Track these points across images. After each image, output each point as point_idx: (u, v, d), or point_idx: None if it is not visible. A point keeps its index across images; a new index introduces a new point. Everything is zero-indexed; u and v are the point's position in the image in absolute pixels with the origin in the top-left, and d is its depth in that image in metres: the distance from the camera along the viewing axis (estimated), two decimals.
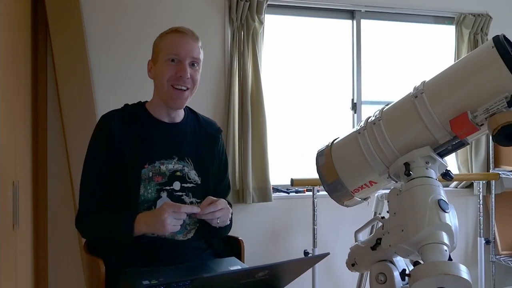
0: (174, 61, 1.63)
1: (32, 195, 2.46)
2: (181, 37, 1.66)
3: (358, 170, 1.32)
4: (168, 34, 1.68)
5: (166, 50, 1.64)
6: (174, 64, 1.64)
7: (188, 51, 1.64)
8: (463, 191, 3.55)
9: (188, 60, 1.64)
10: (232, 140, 3.01)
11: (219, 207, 1.58)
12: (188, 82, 1.64)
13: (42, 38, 2.76)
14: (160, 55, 1.66)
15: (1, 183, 1.61)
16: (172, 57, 1.63)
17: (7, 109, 1.73)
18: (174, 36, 1.67)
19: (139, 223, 1.54)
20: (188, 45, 1.65)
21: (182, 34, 1.66)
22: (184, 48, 1.64)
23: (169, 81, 1.63)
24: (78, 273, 2.74)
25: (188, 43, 1.65)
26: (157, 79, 1.67)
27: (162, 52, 1.65)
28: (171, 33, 1.68)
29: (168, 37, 1.68)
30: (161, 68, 1.65)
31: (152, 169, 1.63)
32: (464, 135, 1.18)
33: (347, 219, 3.04)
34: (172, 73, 1.63)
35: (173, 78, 1.63)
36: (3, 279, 1.59)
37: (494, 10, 3.52)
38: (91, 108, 2.75)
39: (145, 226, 1.54)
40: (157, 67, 1.67)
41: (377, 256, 1.27)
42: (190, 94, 1.67)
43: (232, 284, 1.25)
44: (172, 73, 1.63)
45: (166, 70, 1.63)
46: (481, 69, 1.16)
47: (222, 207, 1.60)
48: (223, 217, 1.61)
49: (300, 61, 3.39)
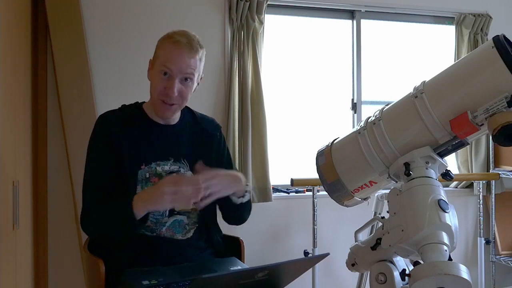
0: (166, 74, 1.59)
1: (32, 195, 2.46)
2: (177, 50, 1.57)
3: (358, 170, 1.32)
4: (167, 42, 1.60)
5: (160, 61, 1.59)
6: (165, 79, 1.59)
7: (181, 67, 1.57)
8: (463, 191, 3.55)
9: (179, 76, 1.59)
10: (232, 140, 3.01)
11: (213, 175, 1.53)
12: (175, 99, 1.60)
13: (42, 38, 2.76)
14: (156, 63, 1.62)
15: (1, 183, 1.61)
16: (164, 70, 1.58)
17: (7, 109, 1.73)
18: (171, 47, 1.58)
19: (137, 201, 1.49)
20: (182, 60, 1.57)
21: (179, 46, 1.58)
22: (177, 64, 1.57)
23: (158, 95, 1.61)
24: (78, 273, 2.74)
25: (183, 58, 1.57)
26: (151, 85, 1.65)
27: (158, 61, 1.61)
28: (169, 42, 1.60)
29: (166, 45, 1.60)
30: (154, 78, 1.62)
31: (149, 170, 1.63)
32: (464, 135, 1.18)
33: (347, 219, 3.04)
34: (161, 88, 1.59)
35: (162, 93, 1.60)
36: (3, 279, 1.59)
37: (494, 10, 3.52)
38: (91, 108, 2.75)
39: (143, 203, 1.48)
40: (152, 73, 1.64)
41: (377, 256, 1.27)
42: (179, 107, 1.65)
43: (232, 285, 1.25)
44: (161, 87, 1.59)
45: (157, 82, 1.60)
46: (481, 69, 1.16)
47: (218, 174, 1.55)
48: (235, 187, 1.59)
49: (300, 61, 3.39)
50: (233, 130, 3.02)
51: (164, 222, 1.63)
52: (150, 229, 1.62)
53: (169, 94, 1.58)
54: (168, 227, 1.63)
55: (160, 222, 1.62)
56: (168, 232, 1.63)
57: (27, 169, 2.31)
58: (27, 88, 2.38)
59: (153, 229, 1.62)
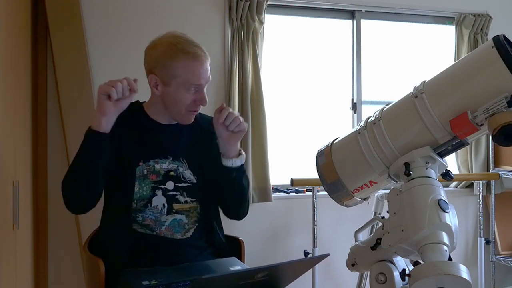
0: (193, 90, 1.60)
1: (32, 195, 2.46)
2: (201, 65, 1.59)
3: (358, 170, 1.32)
4: (184, 59, 1.57)
5: (185, 80, 1.58)
6: (193, 92, 1.60)
7: (207, 78, 1.62)
8: (463, 191, 3.55)
9: (205, 85, 1.63)
10: None
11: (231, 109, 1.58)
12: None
13: (42, 38, 2.76)
14: (175, 81, 1.59)
15: (1, 183, 1.61)
16: (193, 87, 1.59)
17: (7, 109, 1.73)
18: (193, 64, 1.58)
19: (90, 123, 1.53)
20: (206, 72, 1.61)
21: (200, 60, 1.58)
22: (204, 78, 1.60)
23: (187, 108, 1.62)
24: (78, 273, 2.73)
25: (206, 69, 1.61)
26: (170, 102, 1.63)
27: (179, 79, 1.58)
28: (187, 58, 1.57)
29: (185, 63, 1.57)
30: (178, 96, 1.60)
31: (147, 167, 1.63)
32: (464, 135, 1.18)
33: (347, 219, 3.03)
34: (190, 102, 1.61)
35: (192, 105, 1.62)
36: (3, 279, 1.59)
37: (494, 10, 3.52)
38: (91, 108, 2.74)
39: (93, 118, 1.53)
40: (171, 91, 1.60)
41: (377, 256, 1.27)
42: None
43: (232, 285, 1.25)
44: (190, 101, 1.61)
45: (184, 99, 1.60)
46: (481, 69, 1.16)
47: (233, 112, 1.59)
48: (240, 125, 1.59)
49: (300, 61, 3.39)
50: None
51: (163, 221, 1.63)
52: (149, 228, 1.62)
53: (203, 105, 1.64)
54: (167, 227, 1.64)
55: (159, 221, 1.63)
56: (168, 232, 1.64)
57: (27, 169, 2.31)
58: (27, 88, 2.38)
59: (152, 228, 1.62)
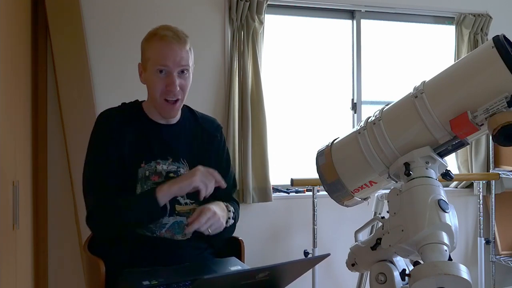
0: (162, 72, 1.59)
1: (32, 195, 2.46)
2: (167, 46, 1.57)
3: (358, 170, 1.32)
4: (154, 41, 1.60)
5: (153, 61, 1.59)
6: (163, 76, 1.59)
7: (176, 61, 1.58)
8: (463, 191, 3.55)
9: (176, 70, 1.59)
10: (232, 140, 3.01)
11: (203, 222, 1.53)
12: (178, 93, 1.61)
13: (42, 38, 2.76)
14: (148, 64, 1.61)
15: (1, 183, 1.61)
16: (160, 68, 1.58)
17: (7, 109, 1.73)
18: (160, 44, 1.58)
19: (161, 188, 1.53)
20: (174, 54, 1.57)
21: (167, 41, 1.57)
22: (171, 59, 1.57)
23: (161, 95, 1.61)
24: (78, 273, 2.74)
25: (175, 51, 1.58)
26: (149, 88, 1.65)
27: (150, 62, 1.60)
28: (156, 40, 1.59)
29: (154, 44, 1.60)
30: (151, 79, 1.61)
31: (149, 168, 1.63)
32: (464, 135, 1.18)
33: (347, 219, 3.04)
34: (162, 87, 1.59)
35: (164, 92, 1.60)
36: (3, 279, 1.59)
37: (494, 10, 3.52)
38: (91, 108, 2.75)
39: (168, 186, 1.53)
40: (147, 76, 1.63)
41: (377, 256, 1.27)
42: (181, 102, 1.66)
43: (233, 285, 1.25)
44: (162, 86, 1.59)
45: (156, 83, 1.60)
46: (481, 69, 1.16)
47: (208, 217, 1.54)
48: (214, 225, 1.57)
49: (300, 61, 3.39)
50: (233, 130, 3.02)
51: (164, 223, 1.63)
52: (150, 230, 1.61)
53: (172, 90, 1.59)
54: (168, 229, 1.63)
55: (160, 223, 1.62)
56: (168, 233, 1.63)
57: (27, 169, 2.31)
58: (27, 88, 2.38)
59: (153, 230, 1.62)
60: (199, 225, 1.52)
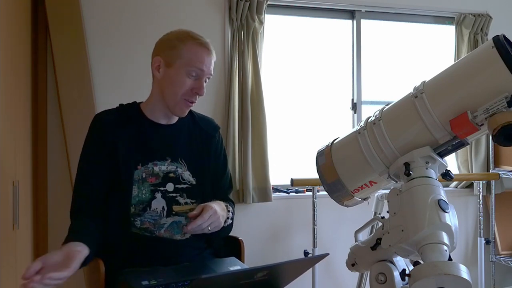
0: (193, 74, 1.60)
1: (32, 195, 2.46)
2: (207, 53, 1.62)
3: (358, 170, 1.32)
4: (192, 43, 1.61)
5: (189, 61, 1.59)
6: (193, 79, 1.60)
7: (209, 69, 1.63)
8: (463, 191, 3.55)
9: (206, 76, 1.63)
10: (232, 140, 3.01)
11: (206, 218, 1.53)
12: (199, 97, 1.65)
13: (42, 38, 2.76)
14: (178, 62, 1.59)
15: (1, 183, 1.61)
16: (195, 71, 1.59)
17: (7, 109, 1.73)
18: (200, 48, 1.61)
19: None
20: (210, 63, 1.63)
21: (207, 48, 1.62)
22: (208, 66, 1.61)
23: (183, 95, 1.61)
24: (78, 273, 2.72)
25: (211, 60, 1.63)
26: (168, 85, 1.62)
27: (183, 60, 1.59)
28: (195, 43, 1.61)
29: (192, 46, 1.61)
30: (177, 78, 1.60)
31: (145, 170, 1.62)
32: (464, 135, 1.18)
33: (347, 219, 3.04)
34: (189, 88, 1.60)
35: (188, 93, 1.61)
36: (3, 279, 1.60)
37: (494, 10, 3.52)
38: (91, 108, 2.75)
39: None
40: (172, 73, 1.61)
41: (377, 256, 1.27)
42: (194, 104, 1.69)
43: (232, 285, 1.25)
44: (189, 88, 1.60)
45: (183, 83, 1.60)
46: (481, 69, 1.16)
47: (211, 214, 1.55)
48: (214, 223, 1.57)
49: (300, 61, 3.39)
50: (233, 130, 3.02)
51: (162, 223, 1.63)
52: (149, 231, 1.61)
53: (199, 93, 1.62)
54: (166, 229, 1.63)
55: (158, 223, 1.62)
56: (167, 233, 1.63)
57: (27, 169, 2.31)
58: (27, 88, 2.38)
59: (152, 231, 1.62)
60: (202, 221, 1.52)
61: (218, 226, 1.60)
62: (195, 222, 1.52)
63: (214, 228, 1.59)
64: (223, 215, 1.65)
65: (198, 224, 1.52)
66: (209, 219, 1.54)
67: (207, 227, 1.55)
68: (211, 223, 1.55)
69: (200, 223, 1.52)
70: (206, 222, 1.53)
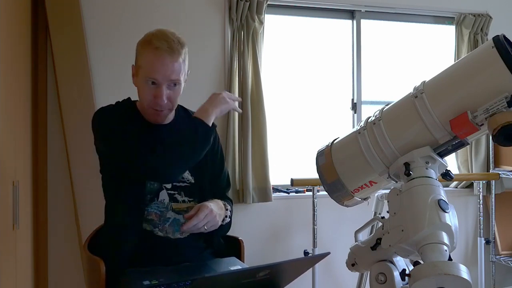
0: (153, 83, 1.58)
1: (32, 195, 2.46)
2: (158, 59, 1.55)
3: (358, 170, 1.32)
4: (147, 49, 1.57)
5: (144, 70, 1.58)
6: (152, 87, 1.58)
7: (166, 75, 1.56)
8: (463, 191, 3.55)
9: (165, 83, 1.58)
10: (232, 140, 3.01)
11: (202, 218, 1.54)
12: (166, 105, 1.61)
13: (42, 38, 2.76)
14: (140, 71, 1.61)
15: (1, 183, 1.61)
16: (149, 79, 1.58)
17: (7, 109, 1.73)
18: (152, 55, 1.56)
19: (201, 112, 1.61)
20: (165, 68, 1.55)
21: (159, 54, 1.55)
22: (162, 73, 1.55)
23: (149, 104, 1.61)
24: (78, 273, 2.74)
25: (166, 66, 1.55)
26: (138, 93, 1.65)
27: (141, 70, 1.60)
28: (149, 49, 1.57)
29: (146, 53, 1.58)
30: (140, 86, 1.62)
31: None
32: (464, 135, 1.18)
33: (347, 219, 3.04)
34: (150, 97, 1.59)
35: (152, 102, 1.60)
36: (3, 279, 1.60)
37: (494, 10, 3.52)
38: (91, 108, 2.74)
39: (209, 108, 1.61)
40: (137, 81, 1.63)
41: (377, 256, 1.27)
42: (169, 111, 1.66)
43: (233, 284, 1.25)
44: (150, 97, 1.59)
45: (145, 92, 1.60)
46: (481, 69, 1.16)
47: (206, 213, 1.56)
48: (210, 223, 1.58)
49: (300, 61, 3.39)
50: (233, 130, 3.02)
51: (167, 217, 1.64)
52: (153, 223, 1.62)
53: (158, 102, 1.59)
54: (170, 224, 1.64)
55: (164, 216, 1.63)
56: (170, 229, 1.64)
57: (27, 169, 2.31)
58: (27, 88, 2.38)
59: (156, 224, 1.63)
60: (197, 221, 1.54)
61: (215, 225, 1.62)
62: (190, 222, 1.53)
63: (211, 228, 1.60)
64: (221, 213, 1.66)
65: (193, 224, 1.53)
66: (205, 219, 1.55)
67: (203, 226, 1.56)
68: (207, 222, 1.56)
69: (195, 223, 1.53)
70: (202, 222, 1.55)
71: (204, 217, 1.55)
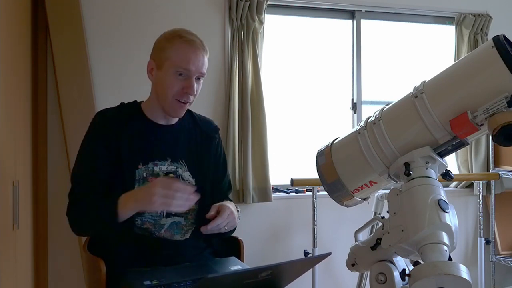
0: (182, 74, 1.58)
1: (32, 195, 2.46)
2: (194, 51, 1.58)
3: (358, 170, 1.32)
4: (179, 42, 1.59)
5: (175, 62, 1.57)
6: (182, 79, 1.59)
7: (199, 67, 1.59)
8: (463, 191, 3.55)
9: (196, 75, 1.60)
10: (232, 140, 3.01)
11: (225, 218, 1.57)
12: (191, 97, 1.63)
13: (42, 38, 2.76)
14: (166, 64, 1.59)
15: (1, 183, 1.61)
16: (181, 71, 1.58)
17: (7, 109, 1.73)
18: (186, 47, 1.58)
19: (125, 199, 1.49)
20: (199, 61, 1.59)
21: (194, 46, 1.58)
22: (195, 65, 1.58)
23: (174, 96, 1.60)
24: (78, 273, 2.74)
25: (199, 58, 1.59)
26: (160, 87, 1.63)
27: (170, 61, 1.58)
28: (181, 42, 1.58)
29: (178, 46, 1.58)
30: (167, 79, 1.60)
31: (146, 170, 1.62)
32: (464, 135, 1.18)
33: (347, 219, 3.04)
34: (179, 88, 1.59)
35: (179, 93, 1.60)
36: (3, 279, 1.59)
37: (494, 10, 3.52)
38: (91, 108, 2.75)
39: (133, 202, 1.48)
40: (162, 75, 1.61)
41: (377, 256, 1.27)
42: (189, 105, 1.67)
43: (236, 284, 1.25)
44: (179, 88, 1.59)
45: (172, 84, 1.59)
46: (481, 69, 1.16)
47: (228, 214, 1.59)
48: (230, 222, 1.61)
49: (300, 61, 3.39)
50: (233, 130, 3.02)
51: (162, 224, 1.63)
52: (149, 231, 1.62)
53: (189, 93, 1.60)
54: (166, 229, 1.64)
55: (158, 224, 1.62)
56: (167, 234, 1.64)
57: (27, 169, 2.31)
58: (27, 88, 2.38)
59: (151, 231, 1.62)
60: (222, 220, 1.56)
61: (234, 225, 1.65)
62: (215, 221, 1.55)
63: (230, 227, 1.63)
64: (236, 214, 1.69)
65: (217, 223, 1.55)
66: (227, 218, 1.58)
67: (224, 226, 1.58)
68: (228, 222, 1.59)
69: (219, 222, 1.56)
70: (224, 222, 1.57)
71: (226, 217, 1.58)
